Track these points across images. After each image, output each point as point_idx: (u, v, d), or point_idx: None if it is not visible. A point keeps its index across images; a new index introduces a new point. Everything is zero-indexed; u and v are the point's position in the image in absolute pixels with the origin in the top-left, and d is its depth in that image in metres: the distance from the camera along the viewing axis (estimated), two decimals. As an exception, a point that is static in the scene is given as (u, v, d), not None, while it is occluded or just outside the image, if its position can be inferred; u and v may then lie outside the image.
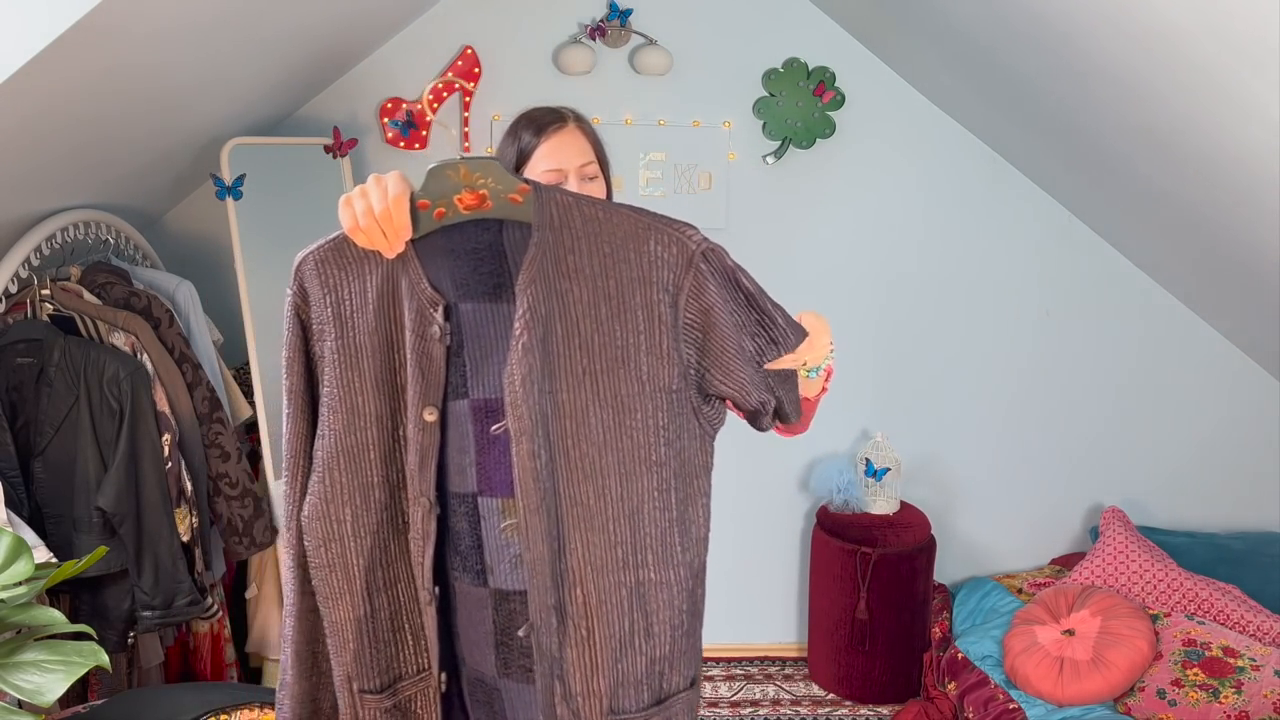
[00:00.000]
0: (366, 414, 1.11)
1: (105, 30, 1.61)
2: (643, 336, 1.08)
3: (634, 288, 1.07)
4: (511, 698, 1.17)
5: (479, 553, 1.14)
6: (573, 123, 1.40)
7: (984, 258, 3.06)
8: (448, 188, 1.08)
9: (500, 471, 1.12)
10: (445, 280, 1.10)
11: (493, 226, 1.10)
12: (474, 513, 1.14)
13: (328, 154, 2.72)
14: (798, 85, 2.89)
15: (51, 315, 2.15)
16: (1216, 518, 3.19)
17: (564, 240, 1.07)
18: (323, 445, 1.11)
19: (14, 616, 1.42)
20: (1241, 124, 1.86)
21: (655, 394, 1.09)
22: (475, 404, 1.12)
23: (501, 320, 1.11)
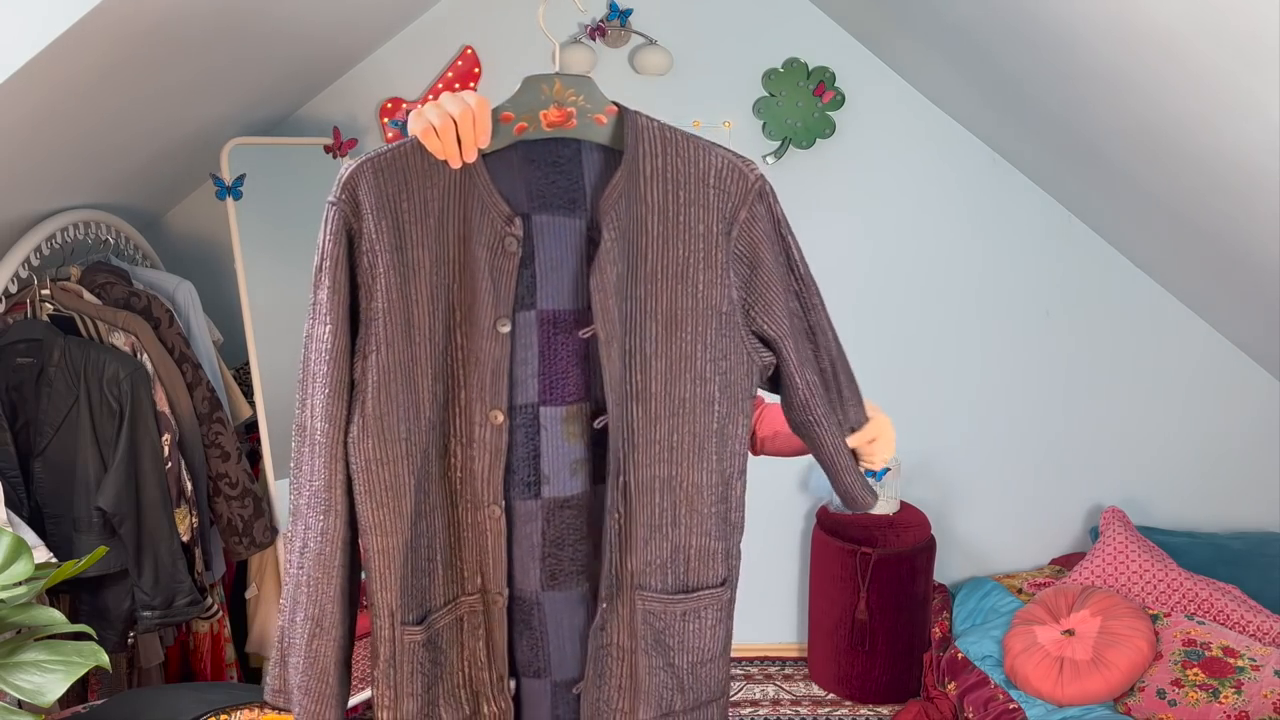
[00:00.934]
0: (421, 328, 1.10)
1: (105, 30, 1.61)
2: (700, 257, 1.14)
3: (696, 211, 1.13)
4: (555, 607, 1.20)
5: (535, 463, 1.15)
6: None
7: (984, 258, 3.06)
8: (536, 102, 1.11)
9: (566, 380, 1.15)
10: (520, 191, 1.12)
11: (572, 143, 1.13)
12: (534, 423, 1.15)
13: (328, 154, 2.72)
14: (798, 85, 2.89)
15: (51, 315, 2.15)
16: (1216, 518, 3.19)
17: (642, 164, 1.12)
18: (375, 361, 1.08)
19: (14, 616, 1.42)
20: (1240, 124, 1.86)
21: (707, 312, 1.15)
22: (542, 314, 1.13)
23: (572, 233, 1.13)
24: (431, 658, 1.19)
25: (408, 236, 1.08)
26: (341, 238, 1.07)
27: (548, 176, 1.13)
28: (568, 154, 1.14)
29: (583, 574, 1.19)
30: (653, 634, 1.21)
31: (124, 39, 1.71)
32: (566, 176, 1.13)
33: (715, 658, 1.29)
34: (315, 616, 1.18)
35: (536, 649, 1.22)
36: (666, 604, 1.21)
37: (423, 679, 1.18)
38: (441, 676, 1.20)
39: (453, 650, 1.21)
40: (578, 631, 1.22)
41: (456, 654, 1.21)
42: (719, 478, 1.21)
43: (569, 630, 1.21)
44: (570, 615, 1.20)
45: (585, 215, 1.13)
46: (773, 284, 1.18)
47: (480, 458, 1.14)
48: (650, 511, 1.18)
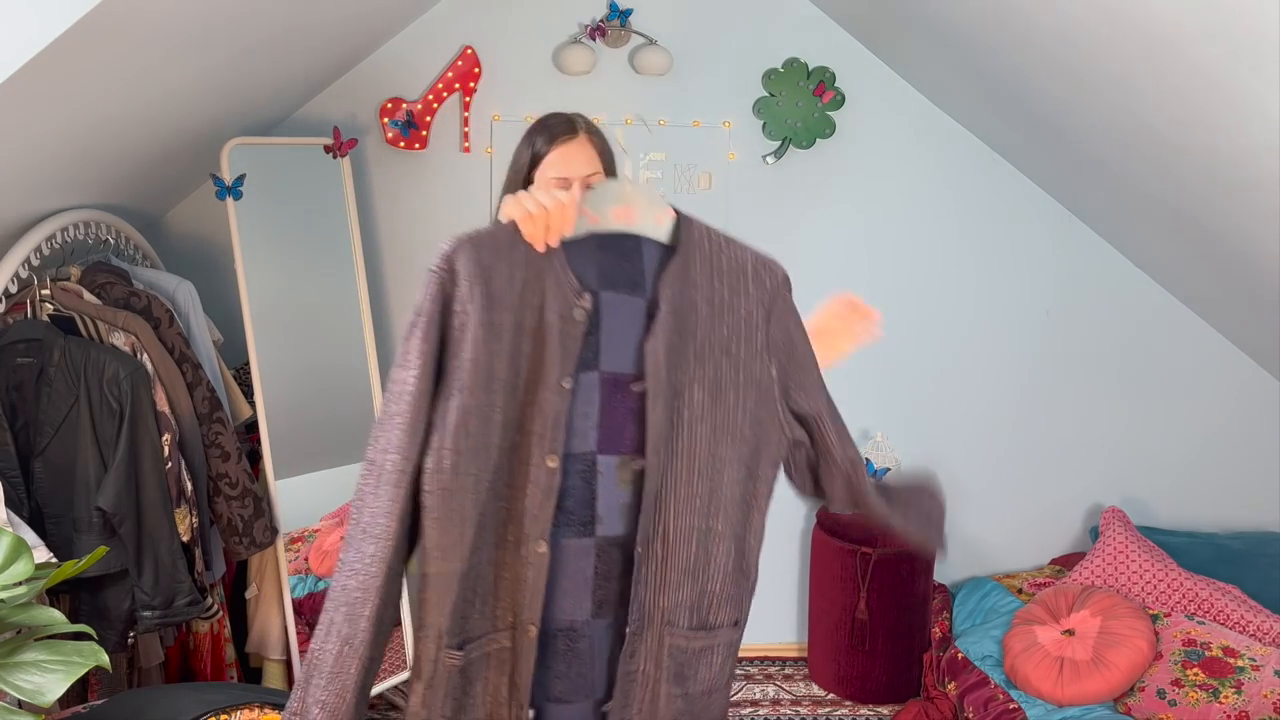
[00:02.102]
0: (499, 380, 1.26)
1: (105, 30, 1.61)
2: (743, 336, 1.34)
3: (739, 299, 1.34)
4: (599, 635, 1.33)
5: (591, 505, 1.30)
6: (583, 133, 1.53)
7: (984, 258, 3.06)
8: (607, 200, 1.32)
9: (621, 433, 1.31)
10: (591, 272, 1.30)
11: (635, 237, 1.34)
12: (591, 469, 1.30)
13: (328, 154, 2.72)
14: (798, 85, 2.89)
15: (51, 315, 2.15)
16: (1216, 518, 3.19)
17: (693, 256, 1.33)
18: (457, 404, 1.23)
19: (14, 616, 1.42)
20: (1241, 124, 1.86)
21: (748, 384, 1.34)
22: (605, 376, 1.30)
23: (633, 310, 1.31)
24: (463, 686, 1.30)
25: (495, 301, 1.25)
26: (438, 300, 1.24)
27: (615, 262, 1.32)
28: (631, 245, 1.33)
29: (621, 606, 1.33)
30: (675, 665, 1.34)
31: (124, 39, 1.71)
32: (631, 263, 1.32)
33: (721, 688, 1.42)
34: (347, 636, 1.25)
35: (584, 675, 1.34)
36: (689, 639, 1.35)
37: (453, 704, 1.29)
38: (467, 706, 1.31)
39: (478, 684, 1.31)
40: (607, 657, 1.34)
41: (481, 688, 1.31)
42: (743, 531, 1.37)
43: (605, 656, 1.35)
44: (607, 642, 1.34)
45: (645, 296, 1.32)
46: (808, 365, 1.39)
47: (533, 496, 1.27)
48: (684, 557, 1.32)
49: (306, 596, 2.67)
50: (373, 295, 2.85)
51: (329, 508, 2.76)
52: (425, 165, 2.90)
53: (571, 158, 1.50)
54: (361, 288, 2.77)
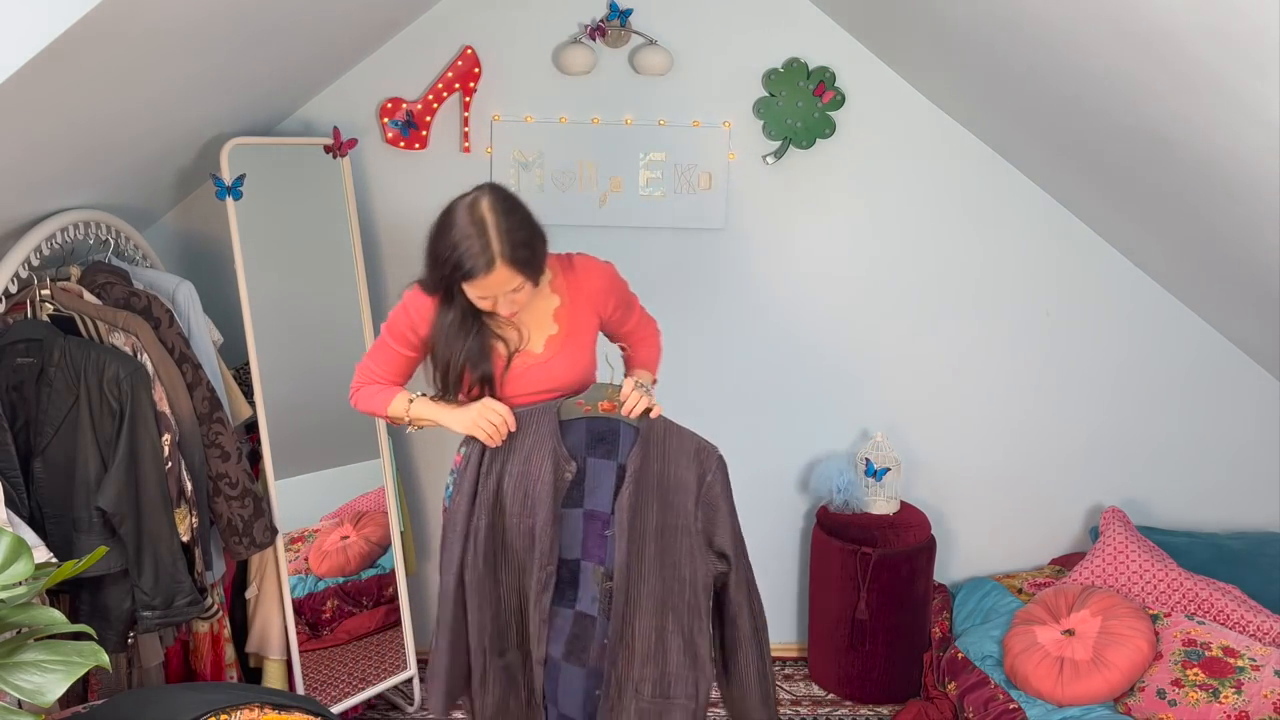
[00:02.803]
0: (511, 510, 1.91)
1: (105, 30, 1.61)
2: (684, 497, 1.90)
3: (681, 470, 1.91)
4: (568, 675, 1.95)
5: (575, 590, 1.93)
6: (499, 264, 1.75)
7: (984, 258, 3.06)
8: (599, 396, 1.91)
9: (596, 550, 1.91)
10: (580, 443, 1.90)
11: (615, 421, 1.92)
12: (576, 569, 1.93)
13: (328, 154, 2.72)
14: (798, 85, 2.89)
15: (51, 315, 2.15)
16: (1216, 518, 3.19)
17: (651, 439, 1.90)
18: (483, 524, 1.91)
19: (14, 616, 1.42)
20: (1241, 124, 1.86)
21: (684, 529, 1.91)
22: (586, 512, 1.91)
23: (608, 470, 1.90)
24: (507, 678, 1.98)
25: (512, 458, 1.90)
26: (476, 458, 1.91)
27: (598, 437, 1.91)
28: (611, 426, 1.91)
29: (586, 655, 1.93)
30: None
31: (124, 39, 1.71)
32: (608, 440, 1.91)
33: None
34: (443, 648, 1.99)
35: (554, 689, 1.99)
36: (653, 704, 1.93)
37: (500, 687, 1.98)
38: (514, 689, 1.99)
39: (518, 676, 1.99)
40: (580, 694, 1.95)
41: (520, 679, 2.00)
42: (691, 632, 1.92)
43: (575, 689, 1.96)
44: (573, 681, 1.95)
45: (619, 461, 1.90)
46: (726, 521, 1.93)
47: (535, 588, 1.90)
48: (646, 647, 1.91)
49: (306, 596, 2.68)
50: (373, 295, 2.85)
51: (329, 508, 2.76)
52: (425, 165, 2.90)
53: (491, 284, 1.78)
54: (361, 288, 2.77)
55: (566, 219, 2.89)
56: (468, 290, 1.81)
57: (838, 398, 3.13)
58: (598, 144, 2.91)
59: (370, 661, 2.79)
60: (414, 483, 3.14)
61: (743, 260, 3.03)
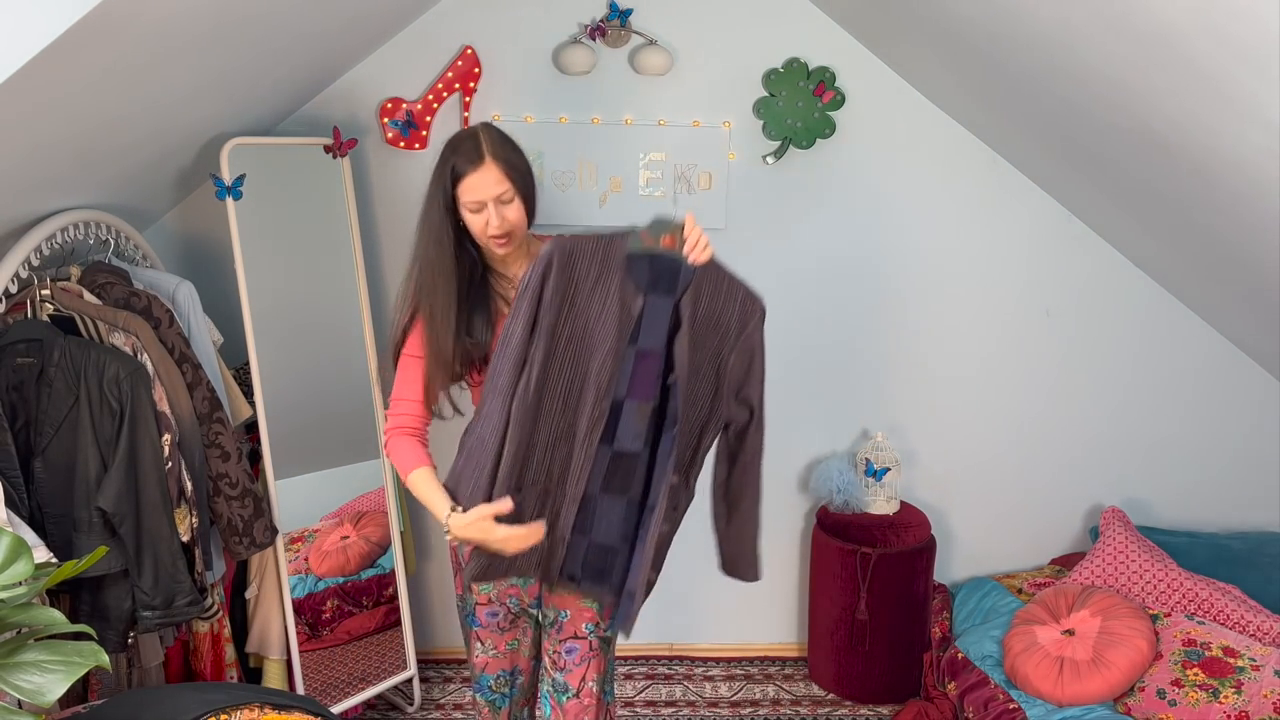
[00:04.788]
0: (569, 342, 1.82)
1: (105, 30, 1.61)
2: (724, 341, 1.88)
3: (725, 316, 1.87)
4: (607, 506, 1.89)
5: (614, 429, 1.85)
6: (488, 159, 1.82)
7: (984, 257, 3.06)
8: (660, 231, 1.81)
9: (642, 389, 1.85)
10: (643, 278, 1.81)
11: (674, 258, 1.83)
12: (619, 408, 1.85)
13: (328, 154, 2.72)
14: (798, 85, 2.89)
15: (51, 315, 2.15)
16: (1216, 518, 3.19)
17: (705, 282, 1.84)
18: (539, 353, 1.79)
19: (14, 616, 1.42)
20: (1241, 125, 1.86)
21: (720, 373, 1.89)
22: (640, 350, 1.84)
23: (664, 309, 1.83)
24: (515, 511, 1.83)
25: (576, 288, 1.81)
26: (538, 280, 1.78)
27: (658, 274, 1.82)
28: (671, 264, 1.81)
29: (624, 492, 1.89)
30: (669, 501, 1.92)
31: (124, 39, 1.71)
32: (672, 273, 1.82)
33: None
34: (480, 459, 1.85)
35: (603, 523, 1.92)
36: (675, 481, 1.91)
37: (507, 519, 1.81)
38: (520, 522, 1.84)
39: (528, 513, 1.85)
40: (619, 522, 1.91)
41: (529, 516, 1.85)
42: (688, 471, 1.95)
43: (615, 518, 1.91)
44: (610, 513, 1.90)
45: (674, 299, 1.83)
46: (758, 373, 1.91)
47: (587, 422, 1.83)
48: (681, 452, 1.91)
49: (306, 596, 2.68)
50: (373, 295, 2.85)
51: (329, 508, 2.76)
52: (425, 165, 2.88)
53: (481, 184, 1.81)
54: (361, 288, 2.77)
55: (566, 219, 2.89)
56: (462, 198, 1.83)
57: (838, 398, 3.13)
58: (598, 144, 2.91)
59: (370, 661, 2.79)
60: (414, 483, 3.13)
61: (743, 260, 2.99)
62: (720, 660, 3.23)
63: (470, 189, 1.82)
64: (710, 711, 2.95)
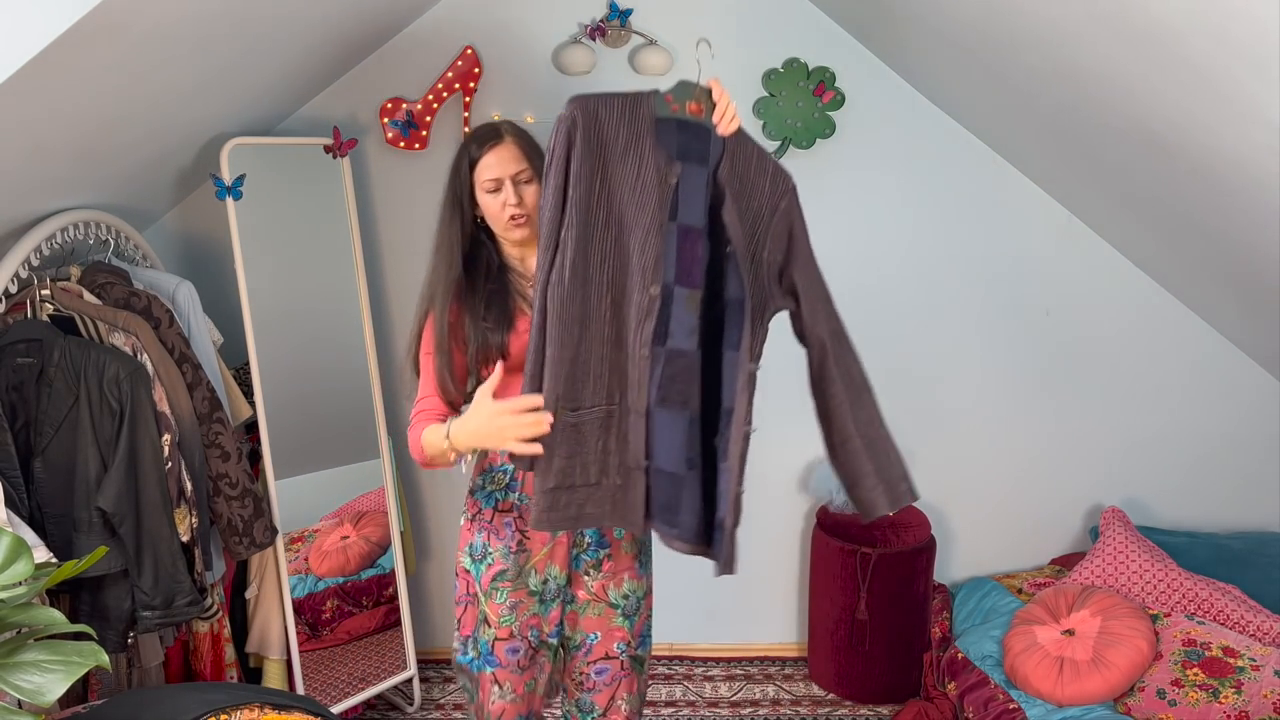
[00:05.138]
0: (601, 218, 1.62)
1: (105, 30, 1.61)
2: (754, 220, 1.70)
3: (759, 192, 1.70)
4: (664, 423, 1.66)
5: (666, 324, 1.64)
6: (508, 138, 1.79)
7: (984, 257, 3.06)
8: (686, 96, 1.65)
9: (691, 271, 1.66)
10: (673, 146, 1.64)
11: (703, 126, 1.66)
12: (670, 296, 1.64)
13: (328, 154, 2.72)
14: (798, 85, 2.89)
15: (51, 315, 2.15)
16: (1216, 518, 3.19)
17: (738, 152, 1.68)
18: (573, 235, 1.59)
19: (14, 616, 1.42)
20: (1240, 125, 1.86)
21: (754, 258, 1.71)
22: (681, 226, 1.65)
23: (700, 178, 1.66)
24: (576, 439, 1.64)
25: (606, 154, 1.61)
26: (563, 146, 1.59)
27: (689, 141, 1.65)
28: (701, 132, 1.65)
29: (685, 404, 1.67)
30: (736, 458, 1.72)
31: (123, 39, 1.72)
32: (702, 141, 1.65)
33: None
34: None
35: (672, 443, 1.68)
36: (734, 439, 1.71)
37: (567, 448, 1.63)
38: (581, 452, 1.65)
39: (589, 439, 1.65)
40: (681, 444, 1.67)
41: (592, 442, 1.65)
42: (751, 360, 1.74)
43: (676, 439, 1.68)
44: (669, 428, 1.67)
45: (709, 168, 1.66)
46: (801, 253, 1.74)
47: (637, 315, 1.63)
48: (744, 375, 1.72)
49: (306, 596, 2.68)
50: (373, 295, 2.85)
51: (329, 508, 2.76)
52: (425, 165, 2.90)
53: (500, 162, 1.75)
54: (361, 288, 2.77)
55: (566, 219, 2.89)
56: (479, 178, 1.76)
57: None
58: (598, 144, 2.90)
59: (370, 661, 2.79)
60: (414, 483, 3.14)
61: (743, 260, 3.02)
62: (720, 660, 3.23)
63: (488, 167, 1.76)
64: (710, 711, 2.95)
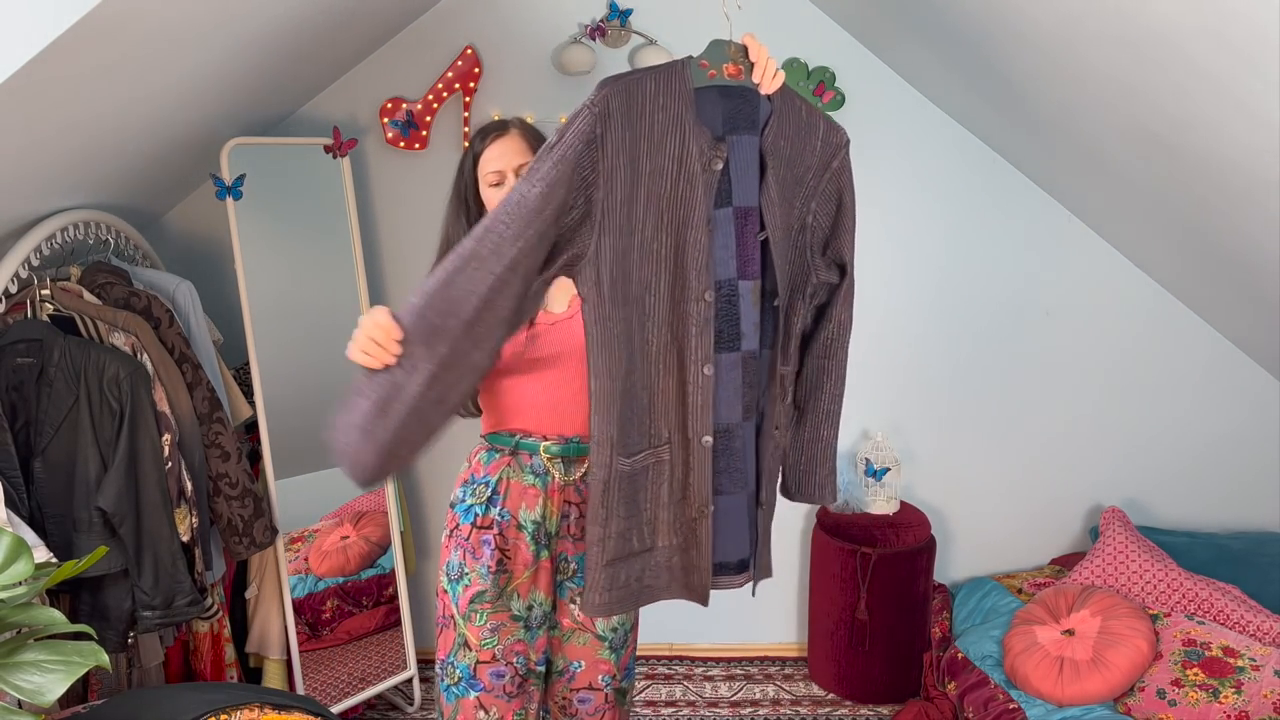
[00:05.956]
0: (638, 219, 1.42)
1: (105, 30, 1.61)
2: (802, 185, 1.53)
3: (808, 154, 1.52)
4: (749, 435, 1.51)
5: (736, 324, 1.46)
6: (514, 130, 1.70)
7: (983, 257, 3.06)
8: (722, 58, 1.48)
9: (752, 260, 1.47)
10: (717, 118, 1.44)
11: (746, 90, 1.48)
12: (734, 293, 1.46)
13: (328, 154, 2.72)
14: (798, 85, 2.89)
15: (51, 315, 2.15)
16: (1216, 518, 3.19)
17: (787, 114, 1.50)
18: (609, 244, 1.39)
19: (14, 616, 1.42)
20: (1240, 124, 1.86)
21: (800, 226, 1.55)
22: (737, 210, 1.46)
23: (751, 147, 1.47)
24: (631, 491, 1.46)
25: (639, 146, 1.39)
26: (585, 137, 1.35)
27: (736, 106, 1.45)
28: (746, 96, 1.47)
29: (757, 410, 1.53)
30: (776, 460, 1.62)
31: (124, 39, 1.71)
32: (748, 104, 1.46)
33: None
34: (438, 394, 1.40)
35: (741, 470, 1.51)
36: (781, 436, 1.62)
37: (625, 505, 1.46)
38: (636, 508, 1.48)
39: (642, 491, 1.47)
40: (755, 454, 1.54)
41: (645, 494, 1.47)
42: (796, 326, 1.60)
43: (753, 453, 1.53)
44: (754, 441, 1.53)
45: (758, 133, 1.47)
46: (848, 223, 1.58)
47: (692, 328, 1.43)
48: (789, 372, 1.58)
49: (306, 596, 2.68)
50: (373, 295, 2.85)
51: (329, 508, 2.76)
52: (425, 165, 2.90)
53: (504, 153, 1.67)
54: (361, 288, 2.77)
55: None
56: (483, 170, 1.69)
57: None
58: (598, 144, 2.91)
59: (370, 661, 2.79)
60: (414, 483, 3.14)
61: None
62: (720, 660, 3.23)
63: (490, 160, 1.69)
64: (710, 711, 2.95)
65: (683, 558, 1.50)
